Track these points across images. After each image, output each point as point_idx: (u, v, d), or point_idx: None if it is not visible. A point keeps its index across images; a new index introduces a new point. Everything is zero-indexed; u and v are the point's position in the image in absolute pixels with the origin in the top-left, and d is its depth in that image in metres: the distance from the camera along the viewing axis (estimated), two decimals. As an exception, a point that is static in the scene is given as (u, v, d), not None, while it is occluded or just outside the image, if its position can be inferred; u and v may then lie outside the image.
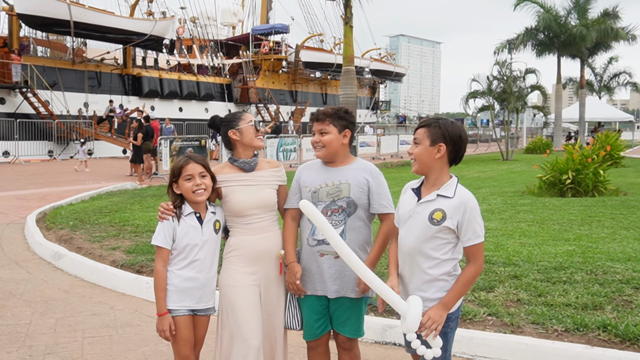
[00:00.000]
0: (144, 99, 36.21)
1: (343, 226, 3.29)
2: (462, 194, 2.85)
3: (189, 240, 3.26)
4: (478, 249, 2.82)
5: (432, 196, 2.86)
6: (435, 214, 2.82)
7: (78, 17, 29.65)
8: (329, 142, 3.32)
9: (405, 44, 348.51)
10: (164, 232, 3.23)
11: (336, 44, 52.49)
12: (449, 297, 2.81)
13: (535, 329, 4.54)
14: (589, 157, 13.31)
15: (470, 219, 2.79)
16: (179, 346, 3.29)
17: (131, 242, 8.07)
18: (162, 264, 3.25)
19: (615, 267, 6.02)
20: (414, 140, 2.95)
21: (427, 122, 2.93)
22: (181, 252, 3.26)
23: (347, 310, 3.36)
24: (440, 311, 2.76)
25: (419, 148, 2.91)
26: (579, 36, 34.33)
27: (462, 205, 2.80)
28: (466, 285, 2.84)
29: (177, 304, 3.26)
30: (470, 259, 2.84)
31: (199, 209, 3.31)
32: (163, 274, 3.25)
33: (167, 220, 3.25)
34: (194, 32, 44.01)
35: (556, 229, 8.55)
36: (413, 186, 3.01)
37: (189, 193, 3.25)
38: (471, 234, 2.80)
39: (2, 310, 5.74)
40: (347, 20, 20.83)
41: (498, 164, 26.10)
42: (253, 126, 3.45)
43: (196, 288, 3.29)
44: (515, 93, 29.45)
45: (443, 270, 2.86)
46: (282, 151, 23.77)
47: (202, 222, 3.30)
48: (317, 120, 3.37)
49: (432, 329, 2.71)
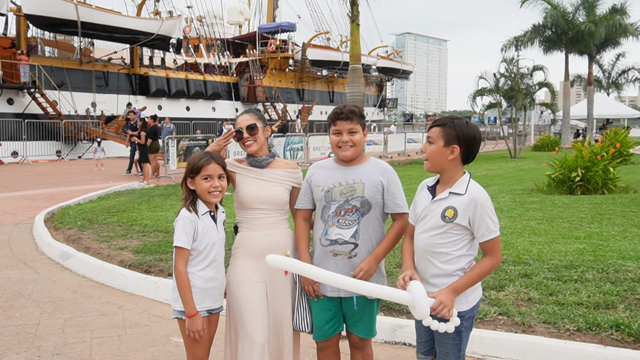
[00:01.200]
0: (151, 98, 36.30)
1: (357, 226, 3.24)
2: (473, 190, 2.84)
3: (209, 239, 3.24)
4: (493, 244, 2.82)
5: (444, 194, 2.87)
6: (447, 211, 2.82)
7: (85, 17, 29.73)
8: (359, 142, 3.27)
9: (411, 42, 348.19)
10: (186, 232, 3.18)
11: (343, 42, 52.42)
12: (460, 282, 2.81)
13: (547, 329, 4.49)
14: (598, 155, 13.21)
15: (482, 215, 2.79)
16: (195, 348, 3.25)
17: (139, 241, 8.07)
18: (184, 265, 3.19)
19: (627, 265, 5.97)
20: (428, 139, 2.92)
21: (443, 122, 2.89)
22: (201, 252, 3.23)
23: (360, 310, 3.32)
24: (450, 294, 2.76)
25: (432, 148, 2.89)
26: (587, 33, 34.16)
27: (472, 202, 2.80)
28: (480, 275, 2.84)
29: (198, 306, 3.21)
30: (487, 253, 2.85)
31: (211, 207, 3.32)
32: (186, 274, 3.19)
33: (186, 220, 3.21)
34: (200, 31, 44.05)
35: (566, 226, 8.49)
36: (429, 184, 3.00)
37: (205, 193, 3.24)
38: (484, 229, 2.80)
39: (10, 311, 5.74)
40: (354, 19, 20.79)
41: (506, 162, 25.99)
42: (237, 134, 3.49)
43: (215, 287, 3.29)
44: (523, 90, 29.28)
45: (457, 267, 2.86)
46: (289, 150, 23.72)
47: (216, 221, 3.31)
48: (346, 119, 3.25)
49: (444, 313, 2.71)
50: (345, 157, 3.28)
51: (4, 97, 28.80)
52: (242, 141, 3.49)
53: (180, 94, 38.43)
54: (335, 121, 3.28)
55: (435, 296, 2.75)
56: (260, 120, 3.54)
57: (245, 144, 3.48)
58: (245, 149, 3.51)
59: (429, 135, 2.91)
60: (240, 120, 3.52)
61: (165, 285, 6.05)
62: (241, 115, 3.56)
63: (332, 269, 3.26)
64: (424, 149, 2.92)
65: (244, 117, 3.54)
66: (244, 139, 3.48)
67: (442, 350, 2.93)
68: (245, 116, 3.54)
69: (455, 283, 2.81)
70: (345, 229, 3.24)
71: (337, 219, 3.25)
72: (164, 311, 5.66)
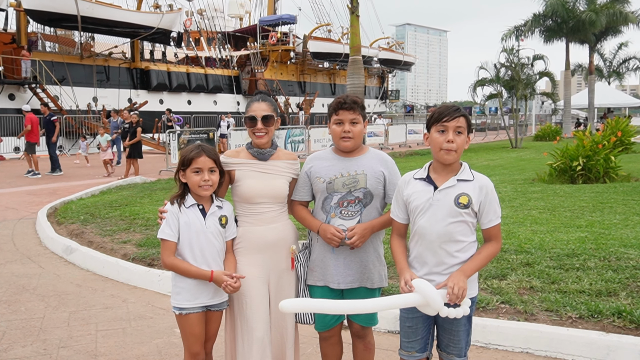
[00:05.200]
0: (152, 92, 36.28)
1: (359, 217, 3.25)
2: (480, 177, 2.90)
3: (192, 231, 3.18)
4: (499, 229, 2.90)
5: (451, 182, 2.85)
6: (461, 198, 2.82)
7: (85, 11, 29.69)
8: (360, 133, 3.26)
9: (411, 33, 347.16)
10: (168, 224, 3.17)
11: (344, 34, 52.27)
12: (469, 265, 2.84)
13: (549, 317, 4.51)
14: (599, 144, 13.20)
15: (492, 200, 2.86)
16: (190, 342, 3.26)
17: (142, 235, 8.09)
18: (171, 256, 3.17)
19: (629, 253, 5.98)
20: (458, 129, 2.82)
21: (462, 112, 2.84)
22: (187, 245, 3.19)
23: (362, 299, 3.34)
24: (462, 277, 2.78)
25: (462, 138, 2.84)
26: (587, 21, 34.02)
27: (484, 188, 2.86)
28: (487, 258, 2.88)
29: (190, 302, 3.21)
30: (492, 239, 2.90)
31: (202, 201, 3.25)
32: (176, 259, 3.17)
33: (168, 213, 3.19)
34: (201, 24, 44.01)
35: (568, 215, 8.50)
36: (418, 176, 2.96)
37: (195, 186, 3.19)
38: (492, 214, 2.87)
39: (16, 305, 5.77)
40: (354, 10, 20.73)
41: (507, 152, 25.97)
42: (245, 122, 3.38)
43: (209, 283, 3.22)
44: (524, 80, 29.19)
45: (470, 253, 2.89)
46: (290, 142, 23.71)
47: (205, 215, 3.24)
48: (349, 109, 3.21)
49: (460, 296, 2.73)
50: (347, 148, 3.27)
51: (5, 93, 28.80)
52: (252, 130, 3.35)
53: (181, 88, 38.39)
54: (337, 111, 3.24)
55: (447, 283, 2.77)
56: (275, 111, 3.40)
57: (256, 134, 3.34)
58: (255, 139, 3.35)
59: (459, 126, 2.81)
60: (255, 108, 3.34)
61: (168, 278, 6.07)
62: (256, 103, 3.37)
63: (333, 259, 3.29)
64: (453, 140, 2.80)
65: (261, 105, 3.36)
66: (256, 130, 3.33)
67: (453, 338, 2.93)
68: (262, 105, 3.37)
69: (464, 266, 2.83)
70: (348, 220, 3.25)
71: (339, 210, 3.26)
72: (167, 303, 5.68)
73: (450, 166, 2.87)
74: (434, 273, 2.88)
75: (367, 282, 3.31)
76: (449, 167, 2.88)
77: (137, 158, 17.48)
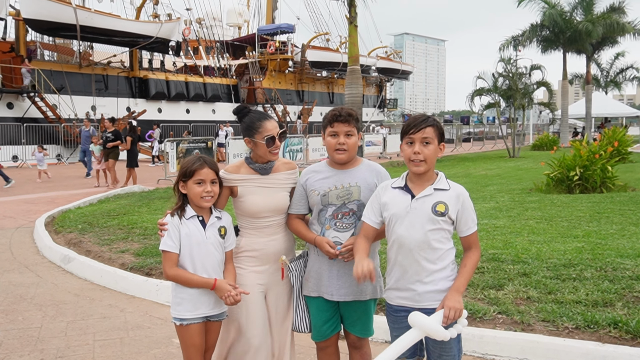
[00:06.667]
0: (151, 101, 36.36)
1: (353, 229, 3.28)
2: (455, 186, 2.96)
3: (193, 242, 3.20)
4: (477, 236, 2.97)
5: (428, 190, 2.91)
6: (438, 206, 2.87)
7: (84, 21, 29.80)
8: (354, 145, 3.29)
9: (409, 43, 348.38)
10: (169, 236, 3.18)
11: (342, 43, 52.43)
12: (460, 282, 2.87)
13: (546, 327, 4.52)
14: (596, 153, 13.25)
15: (468, 208, 2.92)
16: (190, 353, 3.26)
17: (140, 244, 8.09)
18: (173, 267, 3.18)
19: (625, 263, 6.00)
20: (424, 140, 2.88)
21: (431, 121, 2.91)
22: (188, 256, 3.21)
23: (357, 310, 3.37)
24: (457, 296, 2.81)
25: (429, 149, 2.89)
26: (584, 32, 34.21)
27: (460, 196, 2.91)
28: (473, 268, 2.94)
29: (191, 313, 3.21)
30: (472, 246, 2.96)
31: (202, 212, 3.27)
32: (179, 270, 3.19)
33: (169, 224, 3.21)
34: (199, 33, 44.15)
35: (565, 225, 8.52)
36: (396, 185, 3.01)
37: (197, 198, 3.21)
38: (471, 222, 2.93)
39: (13, 314, 5.77)
40: (352, 20, 20.84)
41: (505, 161, 26.03)
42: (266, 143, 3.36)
43: (210, 293, 3.23)
44: (521, 90, 29.30)
45: (448, 261, 2.93)
46: (288, 151, 23.76)
47: (205, 226, 3.26)
48: (344, 122, 3.24)
49: (456, 317, 2.76)
50: (341, 160, 3.30)
51: (3, 102, 28.86)
52: (271, 149, 3.37)
53: (180, 97, 38.47)
54: (332, 123, 3.27)
55: (443, 305, 2.79)
56: (281, 125, 3.49)
57: (273, 152, 3.38)
58: (271, 157, 3.39)
59: (426, 136, 2.87)
60: (271, 127, 3.37)
61: (166, 288, 6.08)
62: (268, 121, 3.40)
63: (327, 270, 3.32)
64: (420, 151, 2.86)
65: (273, 123, 3.40)
66: (274, 148, 3.37)
67: (445, 348, 2.91)
68: (274, 122, 3.41)
69: (456, 284, 2.86)
70: (343, 232, 3.28)
71: (334, 222, 3.29)
72: (165, 313, 5.69)
73: (425, 175, 2.92)
74: (415, 281, 2.91)
75: (360, 295, 3.33)
76: (424, 177, 2.93)
77: (134, 167, 17.45)
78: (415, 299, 2.91)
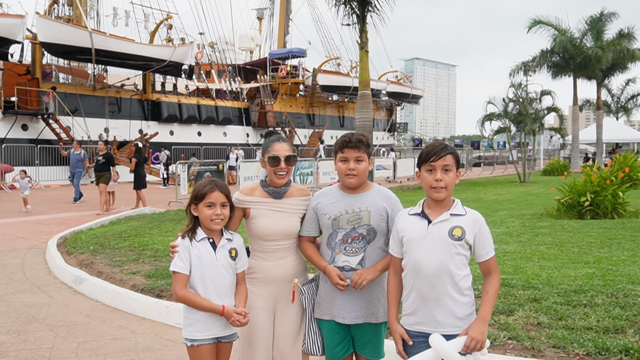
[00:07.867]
0: (163, 123, 36.65)
1: (363, 253, 3.33)
2: (471, 211, 3.00)
3: (204, 264, 3.25)
4: (495, 262, 2.98)
5: (445, 216, 2.95)
6: (455, 230, 2.91)
7: (99, 44, 30.24)
8: (364, 170, 3.35)
9: (420, 67, 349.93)
10: (180, 257, 3.24)
11: (353, 67, 52.79)
12: (486, 309, 2.88)
13: (557, 353, 4.51)
14: (607, 179, 13.21)
15: (485, 233, 2.95)
16: None
17: (151, 266, 8.14)
18: (183, 288, 3.22)
19: (637, 289, 5.97)
20: (445, 167, 2.94)
21: (450, 149, 2.98)
22: (199, 278, 3.25)
23: (367, 333, 3.40)
24: (482, 327, 2.82)
25: (450, 176, 2.95)
26: (594, 58, 34.28)
27: (477, 222, 2.95)
28: (496, 294, 2.95)
29: (203, 334, 3.25)
30: (492, 271, 2.97)
31: (212, 235, 3.33)
32: (188, 292, 3.23)
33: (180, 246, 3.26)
34: (212, 57, 44.58)
35: (575, 251, 8.49)
36: (413, 212, 3.06)
37: (207, 220, 3.28)
38: (489, 246, 2.95)
39: (25, 335, 5.81)
40: (363, 45, 21.00)
41: (515, 186, 25.95)
42: (268, 161, 3.45)
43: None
44: (532, 115, 29.30)
45: (466, 285, 2.95)
46: (299, 175, 23.82)
47: (215, 248, 3.31)
48: (354, 148, 3.31)
49: (477, 349, 2.77)
50: (351, 185, 3.36)
51: (18, 123, 29.20)
52: (275, 170, 3.44)
53: (192, 119, 38.76)
54: (343, 149, 3.34)
55: (466, 332, 2.81)
56: (294, 151, 3.54)
57: (278, 174, 3.44)
58: (276, 179, 3.45)
59: (447, 164, 2.93)
60: (278, 148, 3.45)
61: (177, 310, 6.11)
62: (278, 143, 3.48)
63: (340, 294, 3.36)
64: (442, 178, 2.91)
65: (283, 145, 3.47)
66: (278, 170, 3.43)
67: None
68: (284, 145, 3.47)
69: (482, 312, 2.87)
70: (352, 256, 3.33)
71: (344, 247, 3.34)
72: (176, 335, 5.72)
73: (442, 202, 2.98)
74: (434, 307, 2.92)
75: (371, 318, 3.37)
76: (441, 203, 2.98)
77: (141, 188, 17.51)
78: (434, 325, 2.92)
